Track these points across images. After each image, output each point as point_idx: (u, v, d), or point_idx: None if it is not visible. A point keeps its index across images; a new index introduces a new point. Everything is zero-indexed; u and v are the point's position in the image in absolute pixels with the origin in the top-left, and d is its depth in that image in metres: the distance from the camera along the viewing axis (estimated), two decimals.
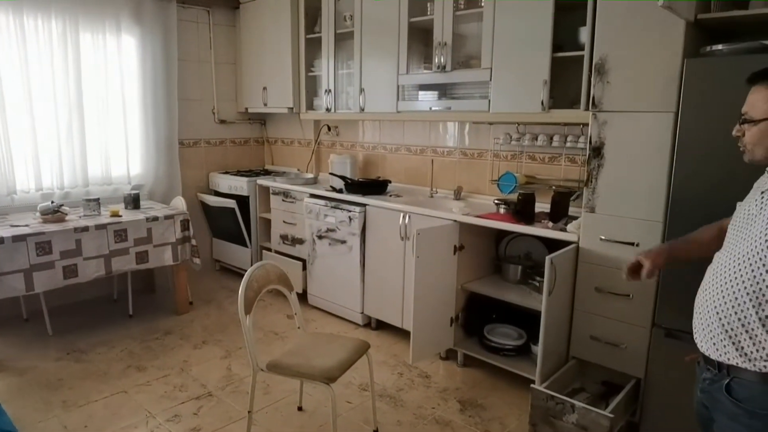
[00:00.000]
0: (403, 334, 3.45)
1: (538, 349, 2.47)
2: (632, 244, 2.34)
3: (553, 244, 2.71)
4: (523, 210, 2.87)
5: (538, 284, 2.91)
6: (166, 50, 4.29)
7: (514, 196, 3.03)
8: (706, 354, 1.39)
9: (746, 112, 1.36)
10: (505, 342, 3.02)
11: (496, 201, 3.11)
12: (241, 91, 4.89)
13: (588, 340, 2.55)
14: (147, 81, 4.23)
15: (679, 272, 2.18)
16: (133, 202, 3.85)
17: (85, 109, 3.93)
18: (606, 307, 2.47)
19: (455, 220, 3.00)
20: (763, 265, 1.24)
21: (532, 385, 2.38)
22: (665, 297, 2.27)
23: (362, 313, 3.68)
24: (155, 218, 3.64)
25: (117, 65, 4.08)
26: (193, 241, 3.87)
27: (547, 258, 2.37)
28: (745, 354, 1.29)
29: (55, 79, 3.76)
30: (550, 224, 2.75)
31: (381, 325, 3.66)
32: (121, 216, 3.56)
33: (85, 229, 3.32)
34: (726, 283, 1.33)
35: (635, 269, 1.68)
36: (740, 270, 1.29)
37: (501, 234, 3.24)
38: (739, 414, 1.30)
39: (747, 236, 1.31)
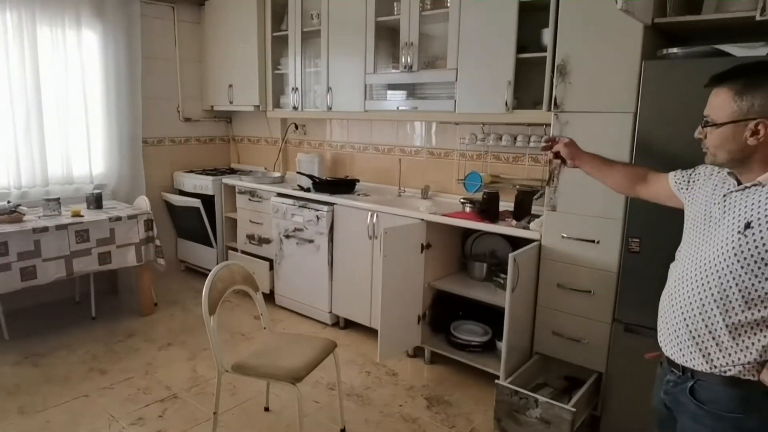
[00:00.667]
0: (371, 332, 3.46)
1: (503, 345, 2.52)
2: (593, 241, 2.40)
3: (516, 242, 2.76)
4: (487, 209, 2.91)
5: (502, 281, 2.96)
6: (129, 46, 4.20)
7: (479, 195, 3.08)
8: (672, 358, 1.41)
9: (708, 115, 1.34)
10: (471, 339, 3.07)
11: (462, 200, 3.15)
12: (207, 89, 4.82)
13: (551, 335, 2.61)
14: (110, 78, 4.13)
15: (639, 268, 2.25)
16: (96, 201, 3.75)
17: (44, 106, 3.81)
18: (568, 303, 2.53)
19: (422, 219, 3.03)
20: (730, 272, 1.25)
21: (496, 381, 2.43)
22: (625, 293, 2.33)
23: (330, 312, 3.68)
24: (118, 218, 3.56)
25: (78, 61, 3.97)
26: (158, 242, 3.80)
27: (510, 255, 2.41)
28: (711, 360, 1.30)
29: (11, 75, 3.63)
30: (514, 222, 2.80)
31: (349, 324, 3.66)
32: (82, 216, 3.47)
33: (45, 229, 3.22)
34: (693, 289, 1.33)
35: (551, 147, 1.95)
36: (707, 277, 1.30)
37: (467, 232, 3.28)
38: (702, 415, 1.32)
39: (711, 241, 1.31)
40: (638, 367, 2.18)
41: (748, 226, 1.23)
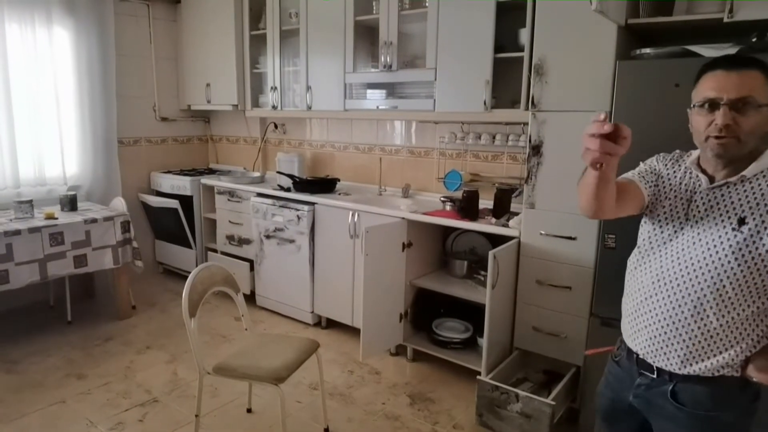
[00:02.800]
0: (353, 331, 3.46)
1: (483, 342, 2.55)
2: (570, 237, 2.45)
3: (496, 240, 2.80)
4: (467, 207, 2.94)
5: (482, 278, 2.99)
6: (103, 44, 4.12)
7: (459, 194, 3.10)
8: (646, 360, 1.37)
9: (749, 96, 1.19)
10: (452, 336, 3.09)
11: (442, 198, 3.18)
12: (184, 88, 4.76)
13: (530, 331, 2.65)
14: (82, 76, 4.05)
15: (615, 264, 2.29)
16: (70, 203, 3.68)
17: (14, 106, 3.71)
18: (547, 299, 2.58)
19: (403, 218, 3.04)
20: (724, 270, 1.23)
21: (478, 377, 2.46)
22: (601, 288, 2.38)
23: (312, 312, 3.67)
24: (94, 220, 3.50)
25: (49, 59, 3.88)
26: (135, 244, 3.74)
27: (490, 253, 2.44)
28: (701, 360, 1.28)
29: None
30: (493, 220, 2.84)
31: (331, 324, 3.66)
32: (56, 218, 3.40)
33: (17, 232, 3.15)
34: (681, 290, 1.28)
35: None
36: (698, 276, 1.26)
37: (447, 230, 3.31)
38: (681, 417, 1.31)
39: (696, 240, 1.27)
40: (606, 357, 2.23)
41: (742, 221, 1.22)
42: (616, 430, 1.52)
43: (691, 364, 1.29)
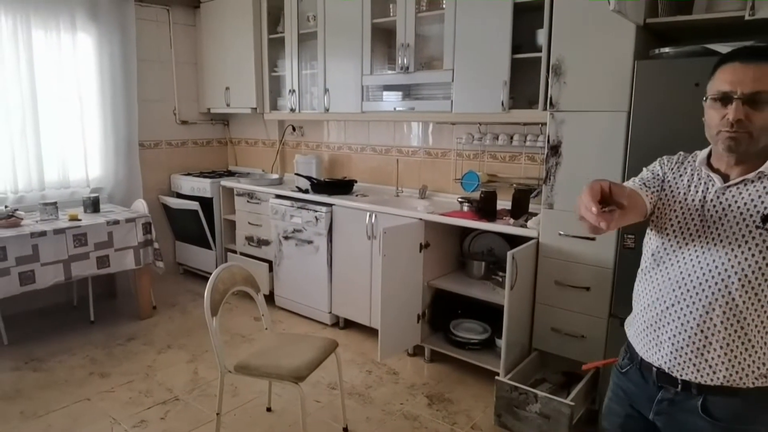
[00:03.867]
0: (371, 332, 3.48)
1: (502, 342, 2.55)
2: (589, 238, 2.43)
3: (514, 240, 2.79)
4: (485, 207, 2.94)
5: (501, 279, 2.99)
6: (125, 49, 4.20)
7: (476, 194, 3.10)
8: (675, 374, 1.28)
9: (764, 90, 1.14)
10: (470, 336, 3.09)
11: (459, 199, 3.18)
12: (203, 92, 4.82)
13: (549, 331, 2.64)
14: (105, 81, 4.14)
15: (634, 265, 2.27)
16: (93, 205, 3.75)
17: (40, 110, 3.81)
18: (565, 300, 2.56)
19: (420, 219, 3.05)
20: (752, 272, 1.17)
21: (496, 377, 2.46)
22: (620, 288, 2.37)
23: (330, 312, 3.69)
24: (116, 222, 3.56)
25: (73, 64, 3.97)
26: (156, 245, 3.80)
27: (509, 253, 2.44)
28: (743, 369, 1.20)
29: (6, 79, 3.64)
30: (511, 221, 2.83)
31: (349, 324, 3.68)
32: (80, 220, 3.47)
33: (43, 233, 3.23)
34: (708, 296, 1.22)
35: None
36: (724, 280, 1.20)
37: (465, 231, 3.31)
38: None
39: (717, 242, 1.22)
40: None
41: (766, 219, 1.16)
42: None
43: (728, 376, 1.21)
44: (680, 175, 1.34)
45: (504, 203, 3.06)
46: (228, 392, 2.81)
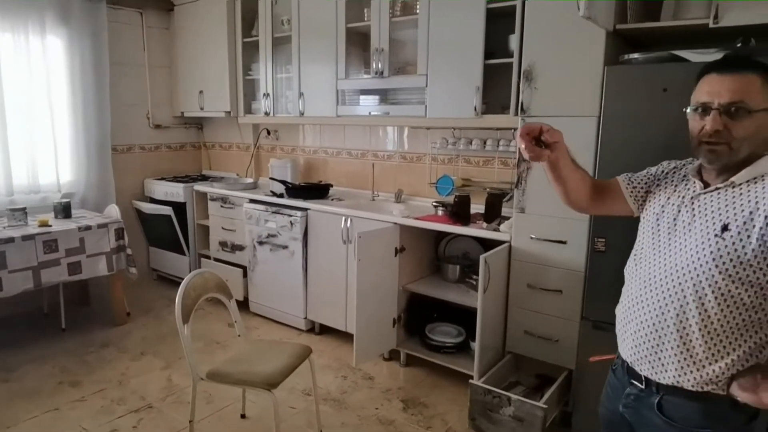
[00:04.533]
0: (347, 337, 3.47)
1: (476, 346, 2.56)
2: (561, 241, 2.47)
3: (488, 244, 2.82)
4: (459, 211, 2.96)
5: (475, 283, 3.00)
6: (97, 53, 4.13)
7: (451, 199, 3.12)
8: (635, 369, 1.34)
9: (741, 101, 1.16)
10: (445, 340, 3.11)
11: (434, 203, 3.20)
12: (177, 95, 4.77)
13: (522, 334, 2.67)
14: (76, 85, 4.06)
15: (605, 267, 2.32)
16: (64, 210, 3.68)
17: (7, 114, 3.72)
18: (538, 303, 2.59)
19: (396, 223, 3.06)
20: (706, 278, 1.19)
21: (470, 381, 2.47)
22: (592, 291, 2.40)
23: (305, 318, 3.68)
24: (88, 227, 3.50)
25: (43, 68, 3.89)
26: (129, 250, 3.75)
27: (481, 257, 2.46)
28: (684, 374, 1.24)
29: None
30: (485, 225, 2.86)
31: (325, 330, 3.67)
32: (50, 226, 3.40)
33: (10, 240, 3.15)
34: (665, 298, 1.26)
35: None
36: (681, 284, 1.23)
37: (440, 235, 3.33)
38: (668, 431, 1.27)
39: (683, 246, 1.25)
40: (607, 364, 2.25)
41: (725, 228, 1.18)
42: None
43: (676, 377, 1.25)
44: (672, 179, 1.38)
45: (478, 207, 3.08)
46: (202, 399, 2.78)
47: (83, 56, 4.06)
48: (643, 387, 1.33)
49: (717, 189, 1.24)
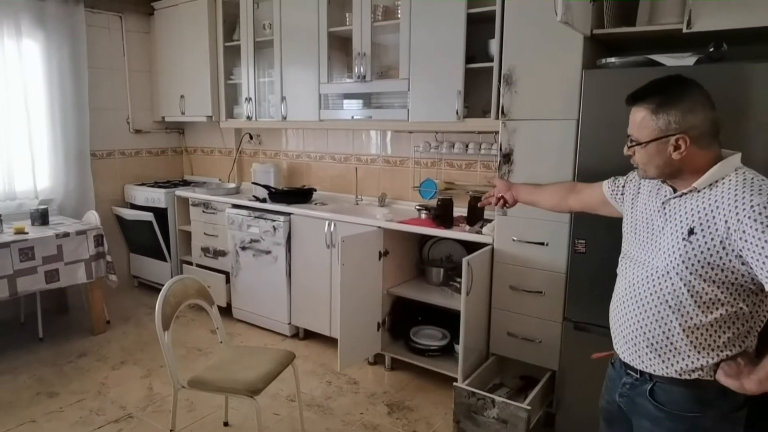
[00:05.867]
0: (331, 342, 3.45)
1: (459, 348, 2.57)
2: (542, 243, 2.49)
3: (471, 247, 2.82)
4: (442, 215, 2.97)
5: (458, 285, 3.00)
6: (75, 57, 4.07)
7: (434, 202, 3.13)
8: (628, 362, 1.42)
9: (632, 134, 1.36)
10: (430, 343, 3.11)
11: (417, 207, 3.21)
12: (158, 100, 4.72)
13: (506, 336, 2.68)
14: (54, 89, 4.00)
15: (586, 268, 2.34)
16: (41, 217, 3.61)
17: None
18: (521, 304, 2.61)
19: (379, 227, 3.06)
20: (680, 279, 1.27)
21: (454, 383, 2.47)
22: (573, 292, 2.42)
23: (289, 323, 3.65)
24: (66, 234, 3.44)
25: (19, 72, 3.82)
26: (109, 257, 3.69)
27: (464, 260, 2.47)
28: (671, 365, 1.32)
29: None
30: (467, 227, 2.87)
31: (309, 335, 3.65)
32: (26, 233, 3.34)
33: None
34: (646, 297, 1.35)
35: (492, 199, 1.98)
36: (659, 284, 1.32)
37: (424, 238, 3.34)
38: (660, 417, 1.35)
39: (658, 249, 1.34)
40: (589, 364, 2.25)
41: (691, 232, 1.26)
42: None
43: (664, 368, 1.34)
44: (649, 184, 1.47)
45: (461, 210, 3.09)
46: (184, 407, 2.74)
47: (61, 60, 4.00)
48: (638, 377, 1.41)
49: (683, 194, 1.32)
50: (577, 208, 1.82)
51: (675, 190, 1.35)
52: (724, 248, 1.21)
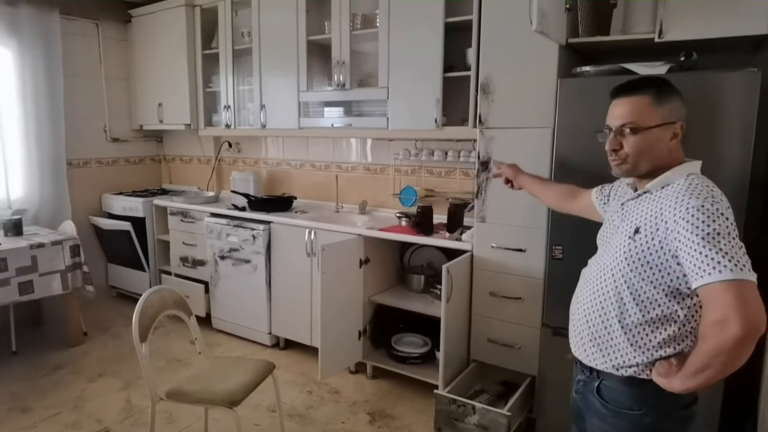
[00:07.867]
0: (312, 351, 3.43)
1: (440, 355, 2.57)
2: (520, 250, 2.51)
3: (451, 253, 2.84)
4: (422, 222, 2.98)
5: (439, 292, 3.02)
6: (49, 64, 4.02)
7: (414, 209, 3.14)
8: (579, 358, 1.48)
9: (631, 121, 1.33)
10: (411, 351, 3.11)
11: (398, 214, 3.21)
12: (135, 108, 4.67)
13: (486, 342, 2.69)
14: (27, 97, 3.94)
15: (563, 274, 2.37)
16: (14, 228, 3.54)
17: None
18: (500, 311, 2.63)
19: (360, 234, 3.06)
20: (622, 276, 1.33)
21: (435, 390, 2.47)
22: (551, 298, 2.45)
23: (270, 333, 3.62)
24: (40, 245, 3.38)
25: None
26: (86, 268, 3.63)
27: (444, 267, 2.48)
28: (610, 360, 1.37)
29: None
30: (447, 234, 2.89)
31: (290, 344, 3.62)
32: None
33: None
34: (593, 293, 1.41)
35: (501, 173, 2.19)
36: (605, 280, 1.38)
37: (405, 245, 3.34)
38: (605, 414, 1.39)
39: (610, 247, 1.40)
40: (567, 369, 2.28)
41: (636, 231, 1.32)
42: (579, 429, 1.58)
43: (604, 361, 1.38)
44: (621, 187, 1.56)
45: (441, 217, 3.10)
46: (163, 420, 2.70)
47: (35, 68, 3.94)
48: (589, 374, 1.46)
49: (639, 195, 1.39)
50: (573, 213, 1.87)
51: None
52: (662, 248, 1.26)
